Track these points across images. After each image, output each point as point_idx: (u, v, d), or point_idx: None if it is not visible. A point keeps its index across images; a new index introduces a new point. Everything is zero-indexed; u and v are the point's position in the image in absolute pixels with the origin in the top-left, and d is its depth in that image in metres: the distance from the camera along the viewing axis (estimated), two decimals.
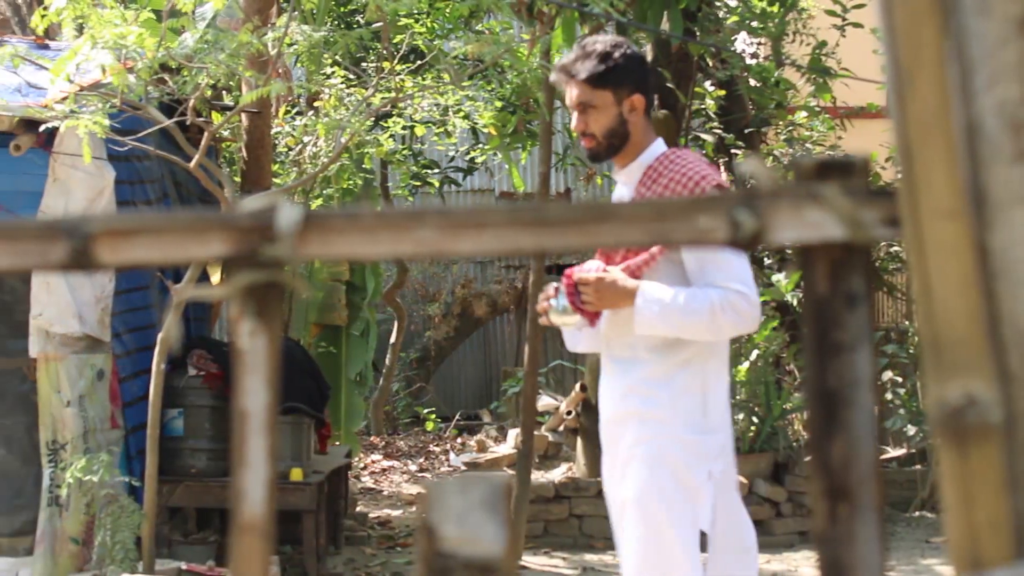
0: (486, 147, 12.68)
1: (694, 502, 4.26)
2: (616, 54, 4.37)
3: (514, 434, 10.51)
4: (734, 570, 4.35)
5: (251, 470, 1.30)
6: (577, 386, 10.01)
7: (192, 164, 6.76)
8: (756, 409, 9.85)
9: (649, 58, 10.06)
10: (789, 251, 9.99)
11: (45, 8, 6.64)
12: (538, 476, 9.66)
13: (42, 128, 6.68)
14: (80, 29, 6.55)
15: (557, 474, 9.80)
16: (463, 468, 10.35)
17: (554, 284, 4.44)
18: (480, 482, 1.32)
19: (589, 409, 9.81)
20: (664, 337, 4.24)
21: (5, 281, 7.16)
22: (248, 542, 1.30)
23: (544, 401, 10.68)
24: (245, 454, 1.30)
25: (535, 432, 9.55)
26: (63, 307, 7.05)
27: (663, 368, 4.28)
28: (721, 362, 4.40)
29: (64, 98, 6.75)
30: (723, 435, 4.37)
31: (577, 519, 9.52)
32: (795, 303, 9.99)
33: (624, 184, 4.56)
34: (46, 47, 8.13)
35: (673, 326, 4.18)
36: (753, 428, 9.73)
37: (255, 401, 1.30)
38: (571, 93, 4.41)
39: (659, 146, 4.46)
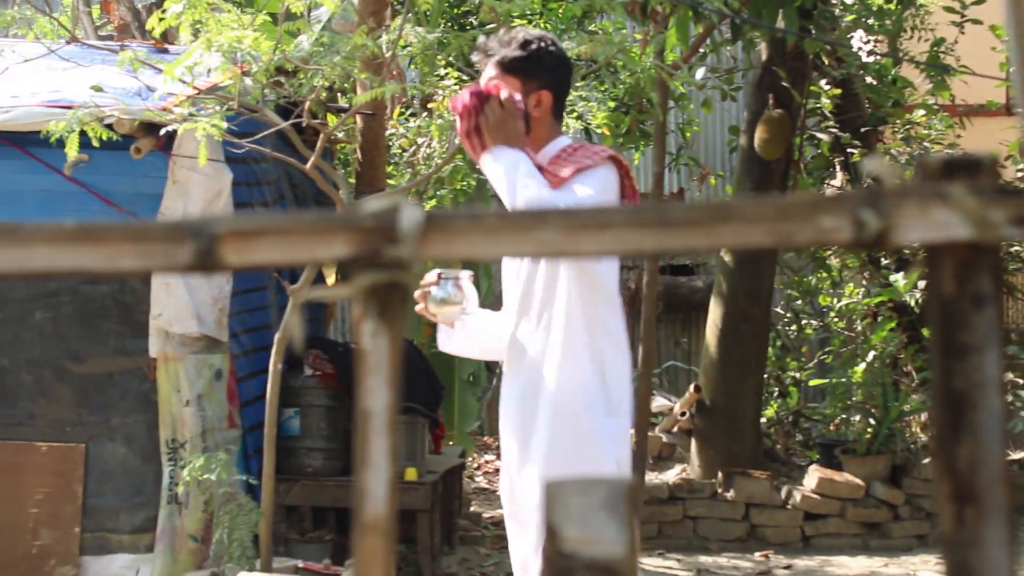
0: None
1: None
2: (536, 47, 4.25)
3: None
4: None
5: (373, 470, 1.30)
6: (691, 387, 9.97)
7: (308, 166, 6.82)
8: (873, 411, 9.74)
9: (764, 56, 9.99)
10: (908, 252, 9.87)
11: (163, 12, 6.73)
12: (652, 477, 9.63)
13: (162, 131, 6.78)
14: (197, 33, 6.64)
15: (671, 475, 9.76)
16: None
17: (437, 271, 4.29)
18: (601, 483, 1.31)
19: (703, 410, 9.77)
20: (565, 316, 4.13)
21: (125, 282, 7.27)
22: (371, 541, 1.31)
23: (658, 402, 10.65)
24: (367, 454, 1.30)
25: (649, 433, 9.54)
26: (182, 308, 7.15)
27: (561, 350, 4.13)
28: (617, 345, 4.25)
29: (185, 99, 6.85)
30: (625, 420, 4.24)
31: (691, 521, 9.48)
32: (913, 303, 9.87)
33: None
34: (165, 51, 8.25)
35: (506, 181, 4.03)
36: (870, 430, 9.62)
37: (377, 401, 1.30)
38: (485, 74, 4.29)
39: (560, 143, 4.29)
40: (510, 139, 4.06)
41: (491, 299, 12.16)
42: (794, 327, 11.65)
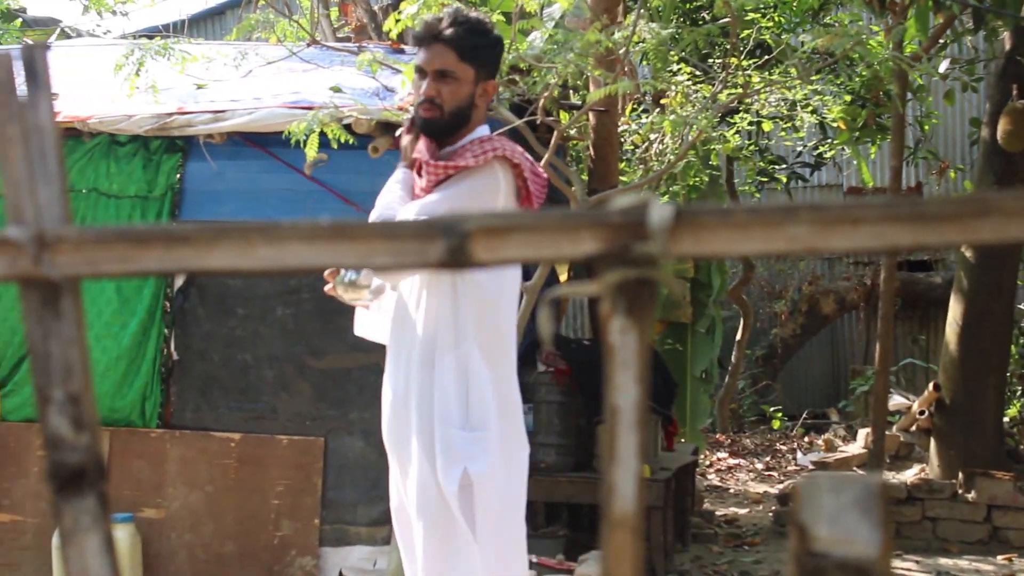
0: (835, 141, 12.47)
1: (450, 507, 3.99)
2: (493, 36, 4.11)
3: (863, 434, 10.31)
4: None
5: (621, 466, 1.30)
6: (930, 385, 9.74)
7: (542, 163, 6.86)
8: None
9: (1008, 45, 9.70)
10: None
11: (399, 13, 6.84)
12: (889, 477, 9.44)
13: (398, 131, 6.88)
14: None
15: (909, 475, 9.56)
16: (811, 467, 10.20)
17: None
18: (854, 482, 1.29)
19: (943, 409, 9.54)
20: (435, 322, 4.01)
21: None
22: (619, 538, 1.30)
23: (895, 400, 10.44)
24: (615, 450, 1.30)
25: (886, 432, 9.35)
26: None
27: (428, 354, 4.01)
28: (488, 355, 4.04)
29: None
30: (487, 433, 4.02)
31: (930, 522, 9.27)
32: None
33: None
34: (401, 51, 8.38)
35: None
36: None
37: (625, 398, 1.30)
38: (428, 55, 4.07)
39: (483, 130, 4.19)
40: None
41: (722, 296, 12.08)
42: None
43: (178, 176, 7.60)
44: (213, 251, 1.39)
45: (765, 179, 14.16)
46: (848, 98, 10.70)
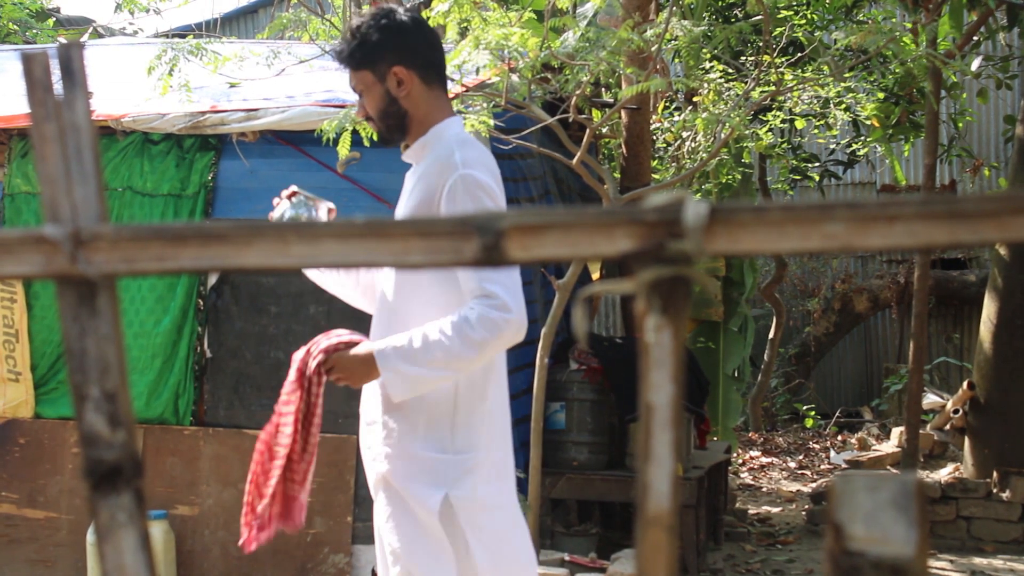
0: (868, 139, 12.41)
1: (425, 531, 3.85)
2: (365, 28, 3.93)
3: (897, 432, 10.26)
4: None
5: (657, 464, 1.30)
6: (964, 384, 9.69)
7: (574, 161, 6.85)
8: None
9: None
10: None
11: (430, 11, 6.85)
12: (923, 476, 9.40)
13: None
14: (463, 32, 6.73)
15: (943, 474, 9.51)
16: (844, 466, 10.16)
17: (296, 189, 4.13)
18: (890, 481, 1.28)
19: (977, 407, 9.49)
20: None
21: None
22: (654, 535, 1.30)
23: (929, 399, 10.40)
24: (651, 448, 1.30)
25: (920, 431, 9.31)
26: None
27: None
28: (475, 378, 3.90)
29: (453, 97, 6.95)
30: (472, 456, 3.88)
31: (964, 521, 9.22)
32: None
33: (413, 166, 4.08)
34: None
35: (429, 375, 3.71)
36: None
37: (660, 396, 1.30)
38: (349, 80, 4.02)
39: (449, 127, 3.98)
40: (365, 369, 3.83)
41: (754, 294, 12.05)
42: None
43: (211, 174, 7.63)
44: (249, 249, 1.39)
45: (798, 177, 14.12)
46: (881, 95, 10.65)
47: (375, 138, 6.58)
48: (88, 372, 1.44)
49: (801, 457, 13.33)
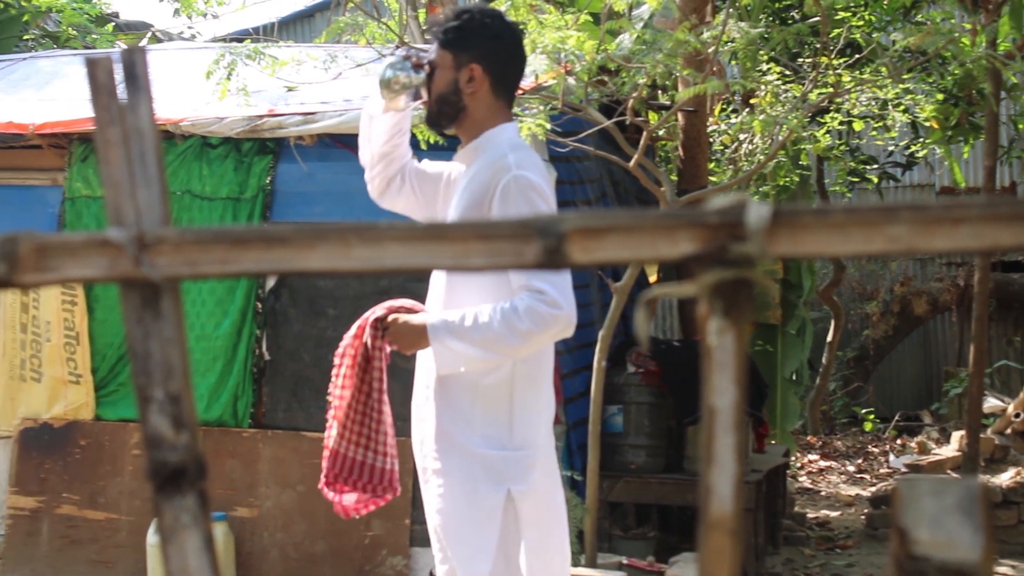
0: (927, 141, 12.33)
1: (489, 526, 3.89)
2: (468, 16, 3.99)
3: (957, 436, 10.18)
4: None
5: (719, 467, 1.30)
6: None
7: (631, 163, 6.84)
8: None
9: None
10: None
11: None
12: (984, 480, 9.32)
13: None
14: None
15: (1005, 478, 9.43)
16: (904, 470, 10.09)
17: (406, 50, 4.14)
18: (955, 485, 1.28)
19: None
20: None
21: None
22: (717, 539, 1.30)
23: (990, 402, 10.31)
24: (713, 451, 1.30)
25: (981, 434, 9.24)
26: None
27: (469, 377, 3.93)
28: (533, 372, 3.97)
29: None
30: (532, 452, 3.95)
31: None
32: None
33: (463, 168, 4.14)
34: None
35: (472, 354, 3.80)
36: None
37: (723, 399, 1.30)
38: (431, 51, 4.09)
39: (503, 132, 4.03)
40: (416, 337, 3.91)
41: (812, 297, 11.99)
42: None
43: (269, 178, 7.67)
44: (311, 252, 1.40)
45: (856, 179, 14.03)
46: (940, 97, 10.58)
47: (432, 140, 6.61)
48: (152, 374, 1.45)
49: (860, 461, 13.24)
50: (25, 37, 16.47)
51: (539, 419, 4.02)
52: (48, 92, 8.84)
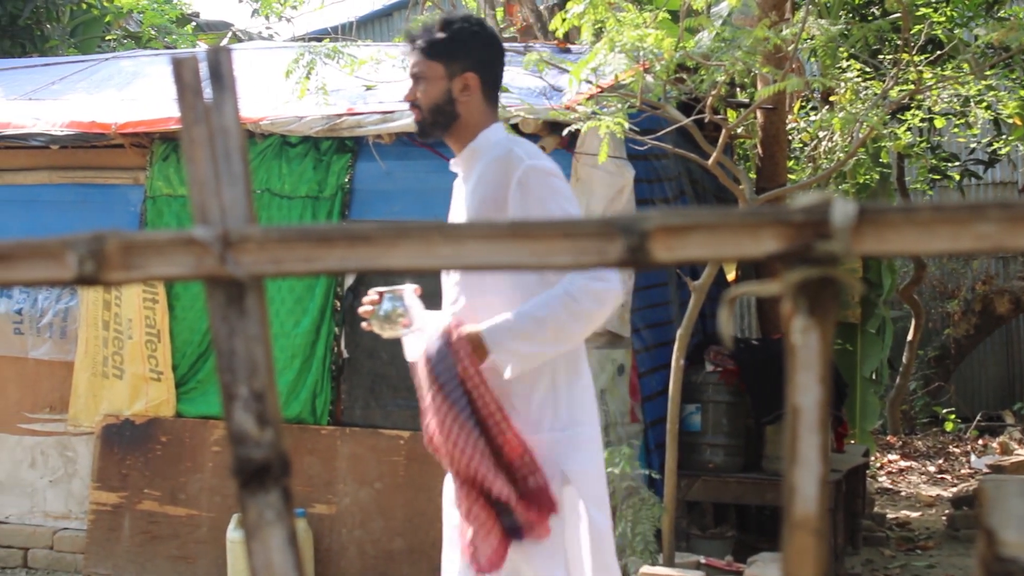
0: (1009, 138, 12.18)
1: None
2: (457, 27, 4.03)
3: None
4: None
5: (804, 467, 1.29)
6: None
7: (710, 162, 6.81)
8: None
9: None
10: None
11: (565, 13, 6.85)
12: None
13: (565, 131, 6.88)
14: (598, 33, 6.72)
15: None
16: (985, 471, 9.98)
17: (379, 289, 4.10)
18: None
19: None
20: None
21: None
22: (801, 539, 1.29)
23: None
24: (798, 451, 1.29)
25: None
26: None
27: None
28: (573, 355, 3.99)
29: (588, 98, 6.95)
30: (581, 430, 3.98)
31: None
32: None
33: (461, 174, 4.17)
34: (567, 51, 8.39)
35: (542, 351, 3.83)
36: None
37: (808, 398, 1.29)
38: (411, 62, 4.10)
39: (496, 131, 4.07)
40: (473, 348, 3.88)
41: (892, 296, 11.88)
42: None
43: (348, 176, 7.71)
44: (395, 250, 1.40)
45: (937, 177, 13.89)
46: (1023, 93, 10.45)
47: None
48: (237, 372, 1.46)
49: (941, 461, 13.11)
50: (107, 38, 16.68)
51: (584, 397, 4.05)
52: (130, 92, 8.94)
